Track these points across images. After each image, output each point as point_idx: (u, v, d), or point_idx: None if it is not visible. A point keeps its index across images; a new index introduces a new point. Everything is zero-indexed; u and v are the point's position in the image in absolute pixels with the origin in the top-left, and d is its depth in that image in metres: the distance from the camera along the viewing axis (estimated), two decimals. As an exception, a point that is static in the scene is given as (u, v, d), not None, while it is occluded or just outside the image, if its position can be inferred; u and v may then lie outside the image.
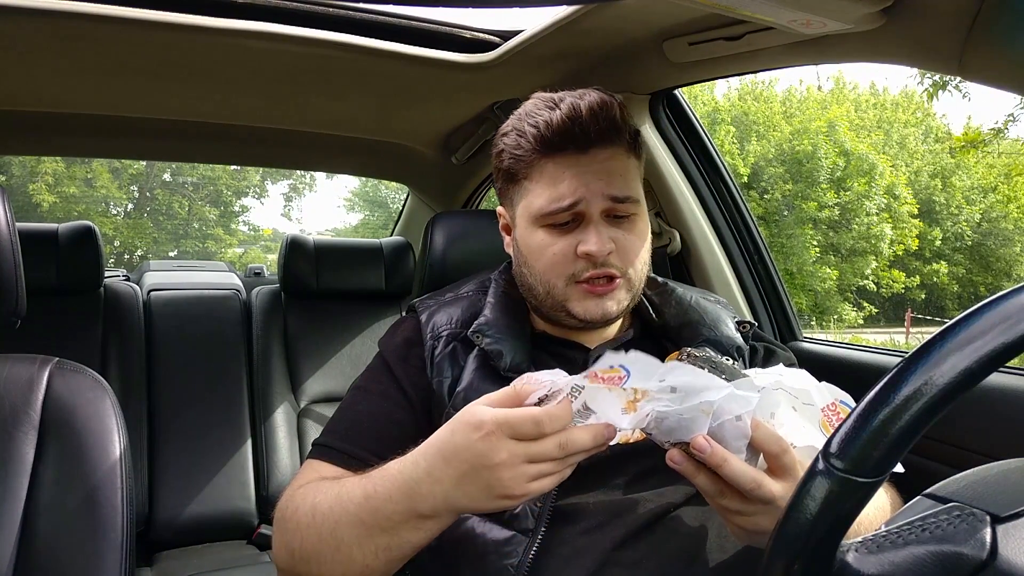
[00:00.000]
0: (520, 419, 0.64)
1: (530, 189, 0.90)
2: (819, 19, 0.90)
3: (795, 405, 0.71)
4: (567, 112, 0.86)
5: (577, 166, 0.86)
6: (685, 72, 1.32)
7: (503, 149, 0.92)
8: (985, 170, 19.96)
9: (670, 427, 0.65)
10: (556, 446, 0.64)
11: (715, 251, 1.53)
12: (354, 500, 0.74)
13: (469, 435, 0.65)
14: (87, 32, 1.22)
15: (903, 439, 0.39)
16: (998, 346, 0.38)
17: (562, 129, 0.86)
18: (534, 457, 0.64)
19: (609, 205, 0.87)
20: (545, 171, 0.88)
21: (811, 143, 17.46)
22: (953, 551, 0.42)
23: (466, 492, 0.67)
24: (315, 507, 0.77)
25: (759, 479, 0.64)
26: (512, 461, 0.64)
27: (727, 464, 0.64)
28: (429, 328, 0.95)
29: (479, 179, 2.07)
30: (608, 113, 0.87)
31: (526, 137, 0.88)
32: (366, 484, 0.74)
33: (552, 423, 0.64)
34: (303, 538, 0.77)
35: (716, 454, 0.64)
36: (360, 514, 0.73)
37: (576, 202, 0.86)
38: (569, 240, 0.88)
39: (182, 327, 1.98)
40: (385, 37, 1.36)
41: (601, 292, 0.88)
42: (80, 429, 0.82)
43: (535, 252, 0.90)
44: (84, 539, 0.78)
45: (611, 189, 0.86)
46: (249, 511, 1.84)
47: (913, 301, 19.46)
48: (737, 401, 0.65)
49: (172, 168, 17.20)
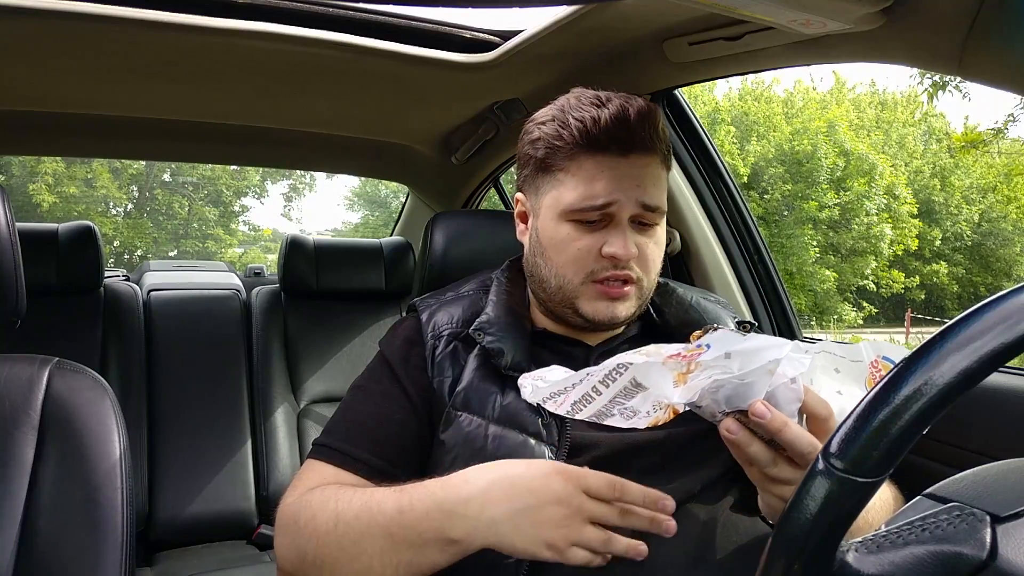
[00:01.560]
0: (600, 481, 0.68)
1: (563, 181, 0.89)
2: (819, 19, 0.90)
3: (839, 366, 0.71)
4: (615, 112, 0.85)
5: (616, 168, 0.86)
6: (685, 72, 1.32)
7: (540, 137, 0.90)
8: (984, 170, 19.96)
9: (727, 395, 0.63)
10: (620, 515, 0.68)
11: (715, 251, 1.53)
12: (385, 513, 0.74)
13: (550, 475, 0.68)
14: (87, 32, 1.22)
15: (903, 439, 0.39)
16: (998, 346, 0.38)
17: (609, 128, 0.85)
18: (595, 518, 0.67)
19: (639, 212, 0.87)
20: (583, 167, 0.87)
21: (811, 143, 17.46)
22: (953, 551, 0.42)
23: (517, 526, 0.68)
24: (339, 515, 0.77)
25: (815, 443, 0.63)
26: (576, 513, 0.67)
27: (787, 429, 0.62)
28: (430, 327, 0.95)
29: (479, 179, 2.07)
30: (653, 121, 0.87)
31: (569, 129, 0.87)
32: (400, 498, 0.74)
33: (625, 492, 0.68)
34: (320, 544, 0.77)
35: (776, 419, 0.62)
36: (390, 527, 0.73)
37: (610, 203, 0.86)
38: (595, 239, 0.88)
39: (182, 327, 1.98)
40: (385, 37, 1.36)
41: (615, 295, 0.89)
42: (80, 429, 0.82)
43: (558, 245, 0.90)
44: (84, 539, 0.78)
45: (644, 196, 0.87)
46: (249, 511, 1.83)
47: (913, 301, 19.47)
48: (791, 363, 0.63)
49: (172, 168, 17.20)
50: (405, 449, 0.88)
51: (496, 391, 0.87)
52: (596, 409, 0.70)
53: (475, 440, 0.84)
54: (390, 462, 0.86)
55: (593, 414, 0.70)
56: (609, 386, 0.67)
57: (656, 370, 0.65)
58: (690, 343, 0.69)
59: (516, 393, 0.86)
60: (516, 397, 0.86)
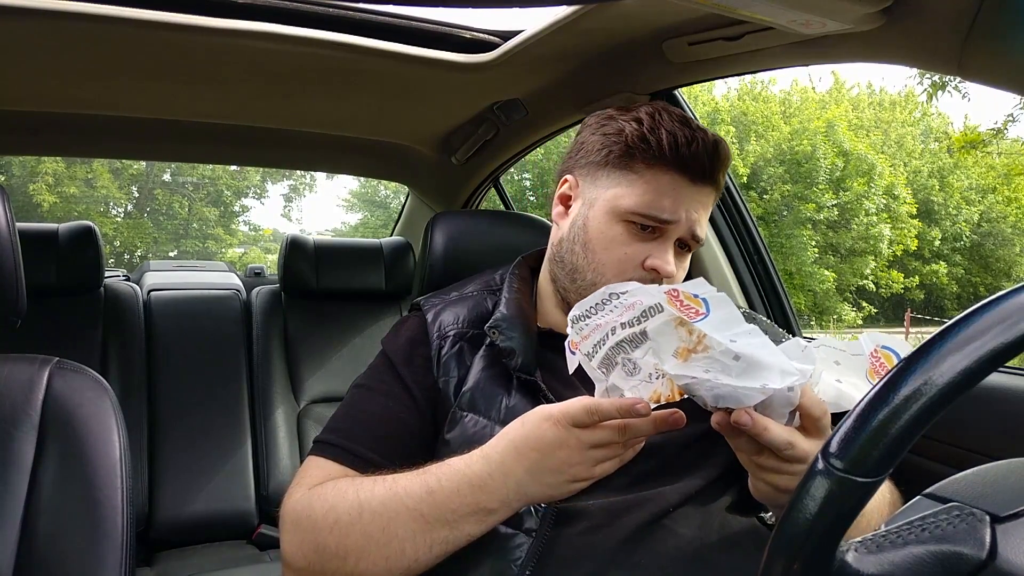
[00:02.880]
0: (577, 409, 0.71)
1: (634, 183, 0.89)
2: (819, 19, 0.90)
3: (839, 359, 0.73)
4: (707, 143, 0.89)
5: (686, 191, 0.89)
6: (685, 72, 1.32)
7: (624, 132, 0.90)
8: (984, 171, 19.97)
9: (720, 395, 0.65)
10: (616, 432, 0.71)
11: (715, 251, 1.53)
12: (413, 496, 0.76)
13: (540, 425, 0.72)
14: (87, 32, 1.22)
15: (903, 439, 0.39)
16: (998, 346, 0.38)
17: (696, 153, 0.88)
18: (596, 443, 0.71)
19: (688, 237, 0.91)
20: (659, 178, 0.88)
21: (810, 143, 17.46)
22: (953, 551, 0.42)
23: (539, 479, 0.73)
24: (362, 504, 0.78)
25: (792, 439, 0.66)
26: (579, 446, 0.71)
27: (767, 432, 0.65)
28: (435, 327, 0.95)
29: (479, 179, 2.07)
30: (726, 159, 0.91)
31: (659, 138, 0.88)
32: (427, 479, 0.77)
33: (600, 412, 0.70)
34: (343, 535, 0.77)
35: (757, 424, 0.65)
36: (420, 508, 0.75)
37: (670, 221, 0.88)
38: (642, 248, 0.89)
39: (182, 327, 1.98)
40: (385, 37, 1.36)
41: None
42: (80, 429, 0.82)
43: (606, 243, 0.90)
44: (84, 539, 0.78)
45: (696, 226, 0.90)
46: (249, 511, 1.83)
47: (912, 301, 19.47)
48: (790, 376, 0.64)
49: (172, 168, 17.19)
50: (407, 447, 0.88)
51: (503, 393, 0.88)
52: (605, 354, 0.71)
53: (480, 441, 0.84)
54: (392, 459, 0.86)
55: (603, 361, 0.71)
56: (625, 328, 0.68)
57: (668, 330, 0.66)
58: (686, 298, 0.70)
59: (522, 395, 0.86)
60: (522, 399, 0.86)
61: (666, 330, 0.66)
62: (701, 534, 0.81)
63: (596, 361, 0.71)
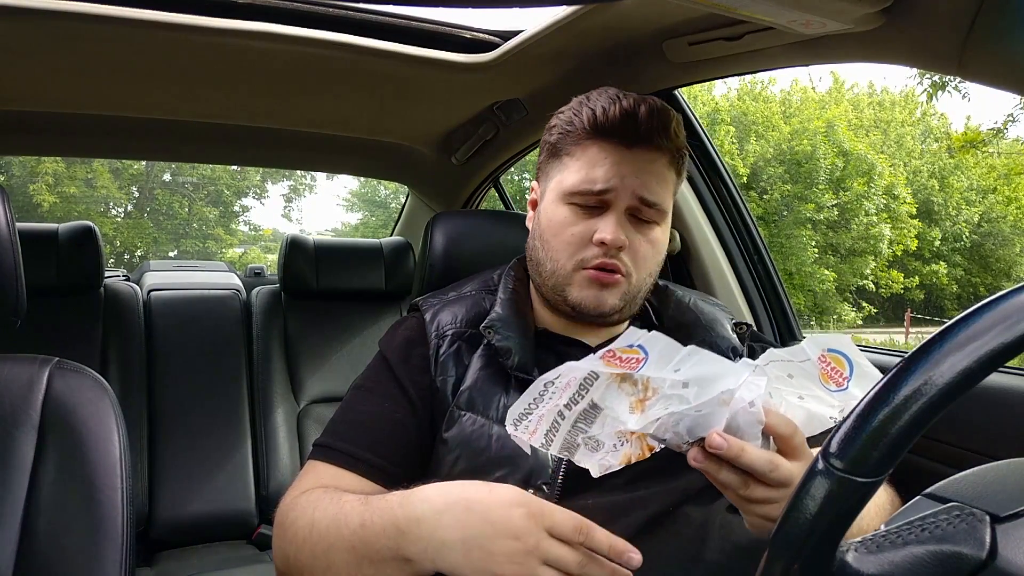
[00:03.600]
0: (564, 519, 0.64)
1: (568, 165, 0.91)
2: (819, 19, 0.90)
3: (791, 371, 0.67)
4: (627, 105, 0.88)
5: (619, 158, 0.88)
6: (685, 72, 1.32)
7: (555, 124, 0.94)
8: (985, 171, 19.96)
9: (687, 426, 0.63)
10: (579, 562, 0.64)
11: (715, 251, 1.53)
12: (349, 526, 0.73)
13: (512, 505, 0.65)
14: (87, 32, 1.22)
15: (903, 439, 0.39)
16: (998, 346, 0.38)
17: (617, 118, 0.88)
18: (555, 561, 0.63)
19: (636, 204, 0.89)
20: (588, 152, 0.90)
21: (810, 143, 17.46)
22: (953, 551, 0.42)
23: (468, 554, 0.65)
24: (313, 523, 0.77)
25: (774, 460, 0.63)
26: (533, 551, 0.63)
27: (744, 454, 0.62)
28: (433, 327, 0.95)
29: (479, 179, 2.07)
30: (663, 119, 0.89)
31: (581, 117, 0.90)
32: (363, 512, 0.73)
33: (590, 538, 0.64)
34: (298, 550, 0.77)
35: (732, 447, 0.62)
36: (353, 541, 0.72)
37: (607, 189, 0.88)
38: (589, 224, 0.89)
39: (182, 327, 1.98)
40: (385, 37, 1.36)
41: (605, 281, 0.89)
42: (80, 429, 0.82)
43: (554, 226, 0.92)
44: (84, 539, 0.78)
45: (642, 190, 0.88)
46: (249, 511, 1.83)
47: (912, 301, 19.47)
48: (748, 387, 0.62)
49: (172, 168, 17.18)
50: (405, 448, 0.88)
51: (500, 391, 0.88)
52: (563, 439, 0.67)
53: (478, 440, 0.84)
54: (391, 461, 0.86)
55: (563, 446, 0.67)
56: (572, 408, 0.65)
57: (613, 392, 0.64)
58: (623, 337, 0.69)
59: (520, 394, 0.86)
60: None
61: (612, 392, 0.65)
62: (701, 534, 0.81)
63: (556, 448, 0.67)
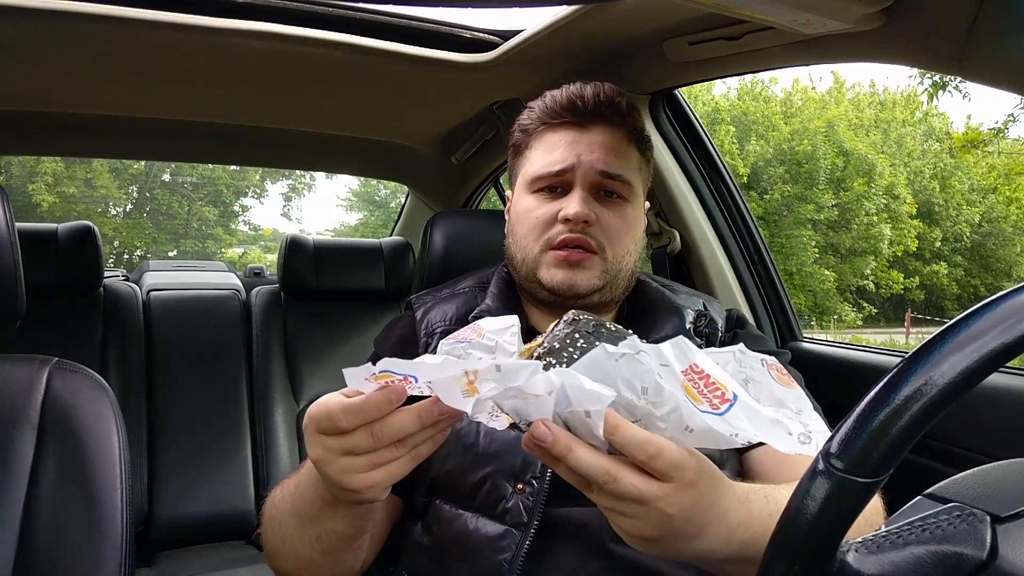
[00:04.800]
0: (318, 413, 0.59)
1: (529, 157, 0.95)
2: (819, 19, 0.90)
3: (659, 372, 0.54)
4: (573, 89, 0.92)
5: (574, 138, 0.91)
6: (685, 72, 1.32)
7: (515, 127, 0.98)
8: (985, 171, 19.96)
9: (514, 408, 0.54)
10: (367, 437, 0.57)
11: (715, 251, 1.53)
12: (290, 492, 0.74)
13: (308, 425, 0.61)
14: (87, 32, 1.22)
15: (903, 439, 0.39)
16: (998, 346, 0.38)
17: (565, 102, 0.91)
18: (349, 450, 0.58)
19: (598, 179, 0.90)
20: (544, 139, 0.93)
21: (810, 143, 17.46)
22: (953, 551, 0.42)
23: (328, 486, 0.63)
24: (272, 501, 0.78)
25: (612, 472, 0.53)
26: (328, 456, 0.59)
27: (571, 453, 0.53)
28: (423, 325, 0.95)
29: (479, 179, 2.07)
30: (610, 95, 0.92)
31: (534, 110, 0.95)
32: (298, 476, 0.74)
33: (348, 417, 0.57)
34: (266, 533, 0.79)
35: (559, 443, 0.52)
36: (294, 504, 0.73)
37: (566, 169, 0.89)
38: (553, 206, 0.90)
39: (182, 327, 1.98)
40: (385, 37, 1.36)
41: (574, 260, 0.89)
42: (80, 429, 0.82)
43: (521, 217, 0.93)
44: (84, 539, 0.78)
45: (602, 164, 0.89)
46: (248, 511, 1.83)
47: (912, 302, 19.47)
48: (586, 395, 0.52)
49: (172, 168, 17.18)
50: None
51: None
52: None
53: (467, 436, 0.85)
54: None
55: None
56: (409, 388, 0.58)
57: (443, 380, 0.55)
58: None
59: None
60: None
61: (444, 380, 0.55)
62: None
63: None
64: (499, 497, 0.81)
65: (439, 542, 0.83)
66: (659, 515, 0.53)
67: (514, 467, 0.82)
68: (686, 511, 0.54)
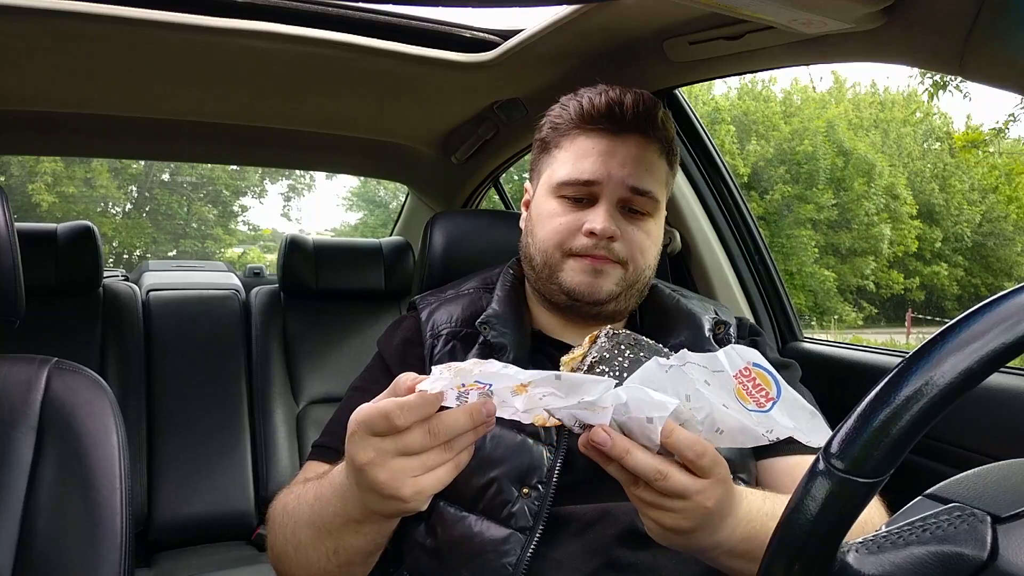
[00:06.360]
0: (370, 415, 0.59)
1: (557, 158, 0.92)
2: (819, 19, 0.90)
3: (707, 378, 0.63)
4: (613, 95, 0.89)
5: (607, 148, 0.88)
6: (685, 72, 1.32)
7: (546, 121, 0.95)
8: (986, 170, 19.96)
9: (572, 415, 0.60)
10: (424, 435, 0.58)
11: (715, 251, 1.53)
12: (307, 503, 0.74)
13: (352, 436, 0.61)
14: (87, 32, 1.22)
15: (904, 439, 0.39)
16: (998, 346, 0.38)
17: (604, 107, 0.89)
18: (404, 451, 0.58)
19: (627, 195, 0.89)
20: (576, 143, 0.90)
21: (811, 144, 17.46)
22: (954, 551, 0.42)
23: (365, 497, 0.63)
24: (285, 507, 0.78)
25: (663, 470, 0.59)
26: (381, 460, 0.59)
27: (630, 455, 0.59)
28: (429, 326, 0.95)
29: (479, 179, 2.07)
30: (648, 106, 0.90)
31: (568, 109, 0.92)
32: (318, 487, 0.74)
33: (405, 414, 0.57)
34: (275, 536, 0.79)
35: (618, 445, 0.59)
36: (312, 516, 0.73)
37: (595, 181, 0.88)
38: (578, 216, 0.89)
39: (181, 327, 1.98)
40: (385, 37, 1.36)
41: (598, 265, 0.88)
42: (79, 429, 0.82)
43: (543, 219, 0.92)
44: (83, 539, 0.78)
45: (632, 179, 0.88)
46: (248, 511, 1.83)
47: (913, 302, 19.47)
48: (649, 405, 0.59)
49: (171, 168, 17.18)
50: None
51: None
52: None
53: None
54: None
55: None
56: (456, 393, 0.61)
57: (498, 377, 0.60)
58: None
59: None
60: None
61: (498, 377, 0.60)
62: None
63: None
64: (505, 501, 0.81)
65: (442, 544, 0.83)
66: (698, 508, 0.60)
67: (520, 471, 0.82)
68: (720, 503, 0.61)
